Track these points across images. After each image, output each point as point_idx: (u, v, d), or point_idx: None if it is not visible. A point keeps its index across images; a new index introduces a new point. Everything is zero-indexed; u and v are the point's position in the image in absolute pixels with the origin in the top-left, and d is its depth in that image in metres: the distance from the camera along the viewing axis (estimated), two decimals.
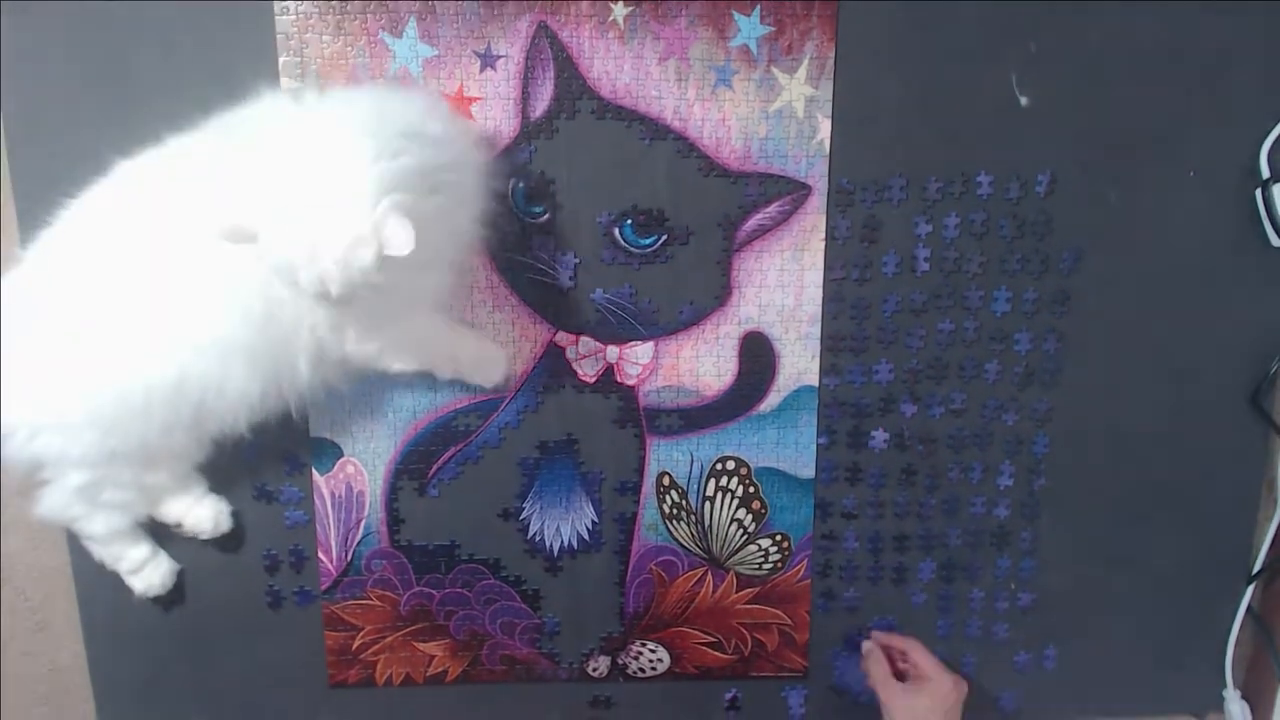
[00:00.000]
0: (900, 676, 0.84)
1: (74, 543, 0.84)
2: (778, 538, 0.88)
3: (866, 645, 0.88)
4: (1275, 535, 0.89)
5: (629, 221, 0.80)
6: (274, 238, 0.58)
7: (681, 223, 0.80)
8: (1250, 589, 0.90)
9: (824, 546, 0.88)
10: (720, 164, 0.79)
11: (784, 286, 0.82)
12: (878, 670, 0.85)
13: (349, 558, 0.86)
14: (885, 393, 0.85)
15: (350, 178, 0.58)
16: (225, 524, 0.81)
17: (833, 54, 0.78)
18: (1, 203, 0.77)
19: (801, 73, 0.78)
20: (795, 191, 0.80)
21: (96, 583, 0.85)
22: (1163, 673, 0.93)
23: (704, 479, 0.86)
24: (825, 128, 0.79)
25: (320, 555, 0.86)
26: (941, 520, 0.88)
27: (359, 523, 0.85)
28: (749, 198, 0.80)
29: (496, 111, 0.77)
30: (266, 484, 0.84)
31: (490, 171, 0.74)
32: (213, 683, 0.88)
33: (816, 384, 0.84)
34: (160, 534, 0.84)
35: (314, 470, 0.84)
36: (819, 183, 0.80)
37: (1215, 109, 0.80)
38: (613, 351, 0.83)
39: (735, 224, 0.81)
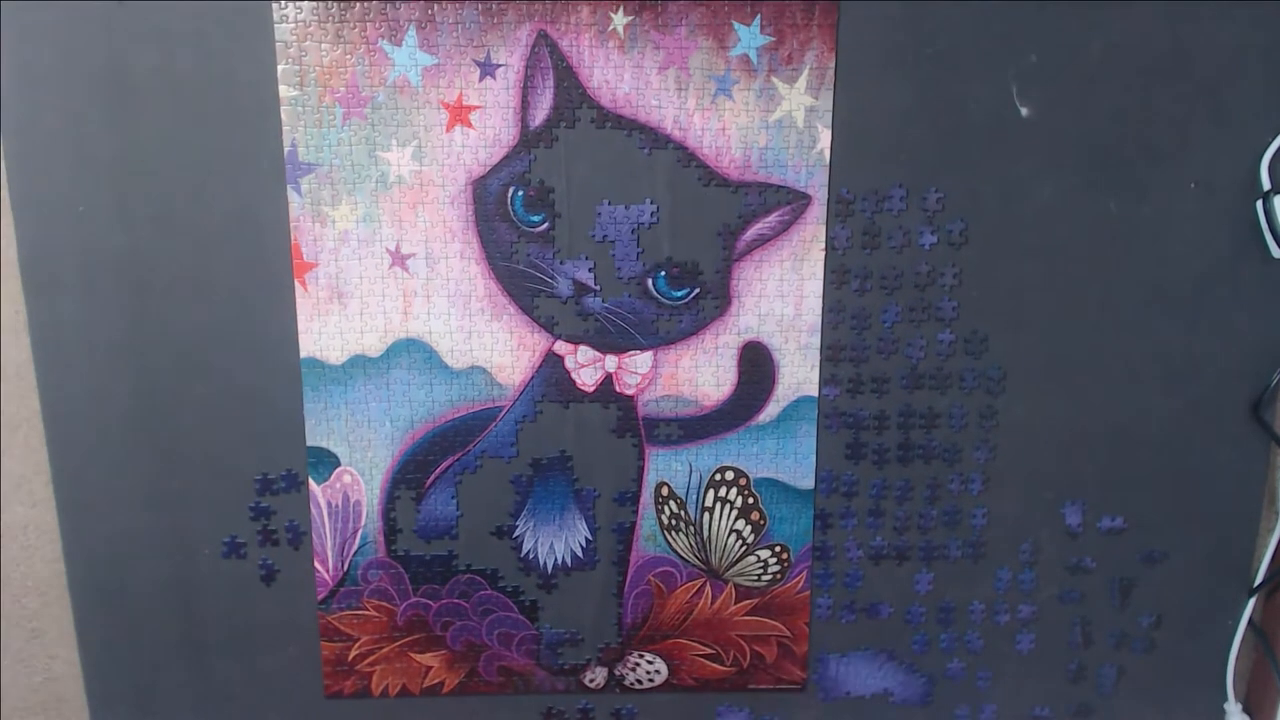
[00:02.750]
0: None
1: (69, 551, 0.84)
2: (777, 549, 0.88)
3: None
4: (1276, 548, 0.88)
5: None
6: None
7: None
8: (1251, 602, 0.90)
9: (823, 558, 0.88)
10: (720, 173, 0.79)
11: (784, 296, 0.82)
12: None
13: (345, 568, 0.86)
14: (885, 403, 0.85)
15: None
16: None
17: (833, 64, 0.78)
18: (1, 205, 0.77)
19: (801, 83, 0.78)
20: (795, 201, 0.80)
21: (91, 591, 0.85)
22: (1163, 685, 0.92)
23: (703, 489, 0.86)
24: (825, 137, 0.79)
25: (316, 565, 0.85)
26: (942, 531, 0.88)
27: (355, 533, 0.85)
28: (749, 207, 0.80)
29: (496, 120, 0.77)
30: (262, 493, 0.83)
31: None
32: (208, 693, 0.88)
33: (816, 394, 0.84)
34: (159, 545, 0.84)
35: (310, 479, 0.83)
36: (819, 192, 0.80)
37: (1216, 120, 0.80)
38: (611, 361, 0.83)
39: (735, 233, 0.81)
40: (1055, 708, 0.92)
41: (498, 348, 0.82)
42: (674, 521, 0.87)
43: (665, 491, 0.86)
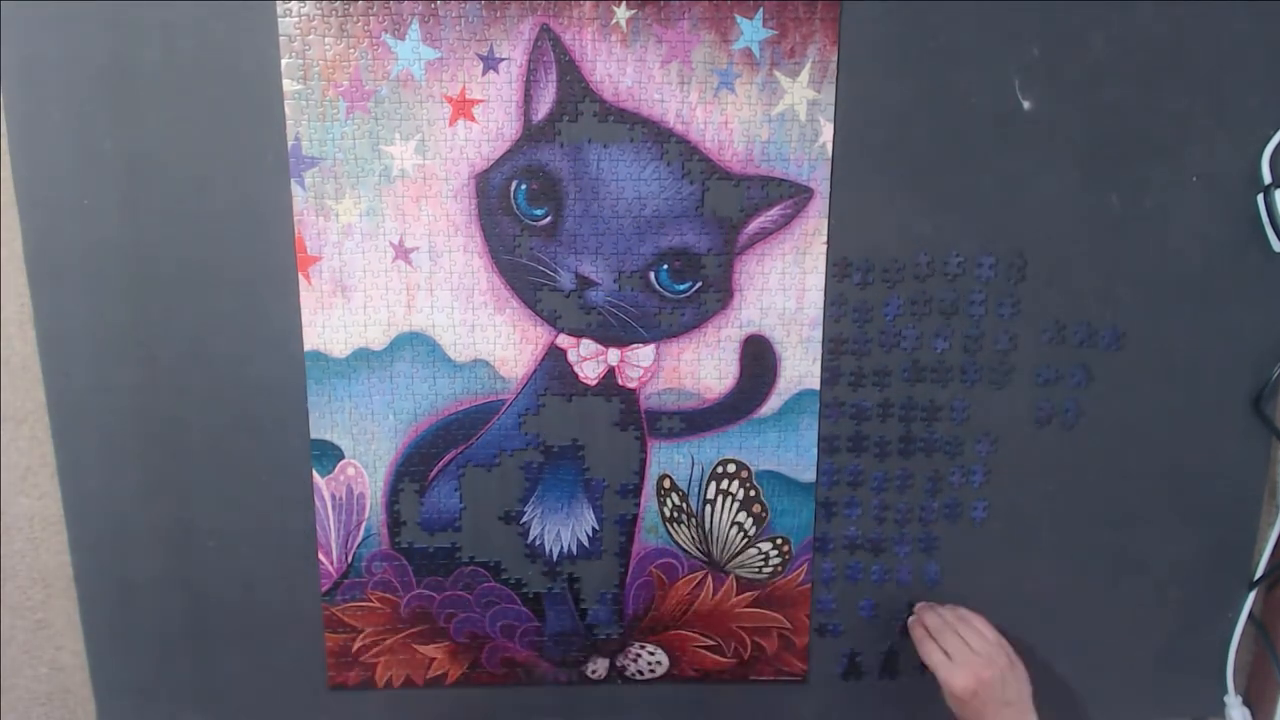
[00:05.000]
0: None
1: (75, 542, 0.84)
2: (778, 541, 0.88)
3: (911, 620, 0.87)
4: (1277, 541, 0.89)
5: None
6: None
7: None
8: (1252, 595, 0.90)
9: (824, 550, 0.88)
10: (722, 167, 0.79)
11: (785, 289, 0.82)
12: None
13: (349, 560, 0.86)
14: (887, 396, 0.85)
15: None
16: None
17: (835, 58, 0.78)
18: (2, 204, 0.77)
19: (804, 76, 0.78)
20: (797, 195, 0.80)
21: (97, 583, 0.85)
22: (1164, 678, 0.93)
23: (705, 482, 0.86)
24: (827, 131, 0.79)
25: (320, 557, 0.86)
26: (943, 524, 0.88)
27: (359, 525, 0.85)
28: (751, 201, 0.80)
29: (499, 114, 0.77)
30: (267, 486, 0.84)
31: None
32: (213, 684, 0.88)
33: (818, 387, 0.84)
34: (164, 537, 0.84)
35: (315, 472, 0.84)
36: (821, 186, 0.80)
37: (1217, 114, 0.80)
38: (614, 354, 0.83)
39: (737, 227, 0.81)
40: (1057, 697, 0.93)
41: (500, 341, 0.82)
42: (676, 513, 0.87)
43: (667, 484, 0.86)
